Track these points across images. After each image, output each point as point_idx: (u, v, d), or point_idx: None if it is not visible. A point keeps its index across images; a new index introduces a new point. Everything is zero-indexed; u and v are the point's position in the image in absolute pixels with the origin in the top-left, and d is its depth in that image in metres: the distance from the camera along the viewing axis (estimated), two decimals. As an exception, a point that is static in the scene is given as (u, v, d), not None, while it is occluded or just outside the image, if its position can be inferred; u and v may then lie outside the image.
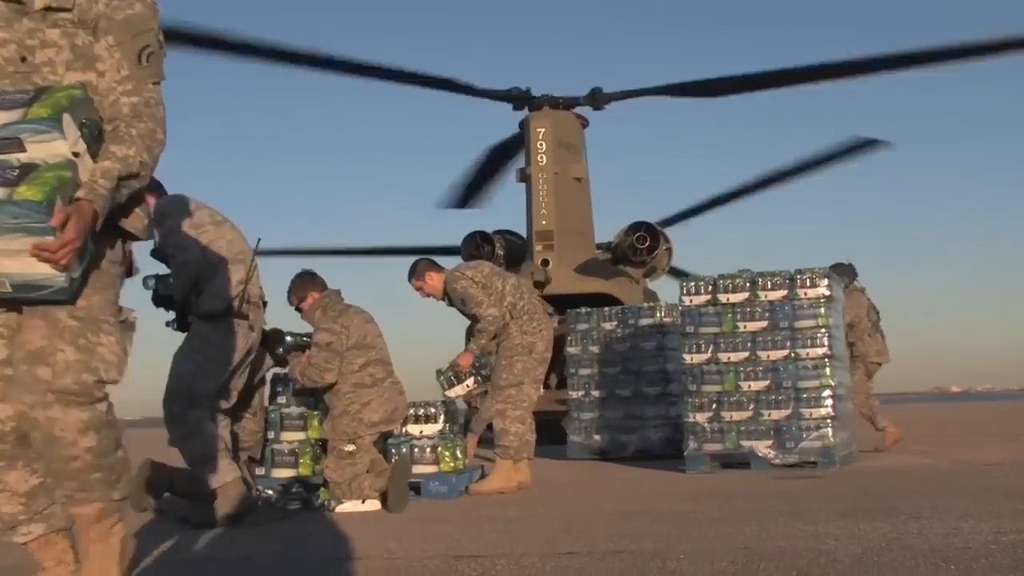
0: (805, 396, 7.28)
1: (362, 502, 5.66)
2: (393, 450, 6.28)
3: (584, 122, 14.24)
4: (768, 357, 7.37)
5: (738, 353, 7.44)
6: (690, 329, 7.58)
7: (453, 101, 19.46)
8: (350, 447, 5.80)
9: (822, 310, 7.38)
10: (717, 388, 7.44)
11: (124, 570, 2.68)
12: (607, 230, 14.41)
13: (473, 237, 13.37)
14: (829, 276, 7.55)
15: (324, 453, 6.12)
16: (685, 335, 7.62)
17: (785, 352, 7.35)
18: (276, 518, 5.36)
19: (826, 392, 7.28)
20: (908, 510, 4.53)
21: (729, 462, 7.43)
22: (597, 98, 14.16)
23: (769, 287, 7.47)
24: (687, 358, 7.56)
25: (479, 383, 7.01)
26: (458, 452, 6.58)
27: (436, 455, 6.36)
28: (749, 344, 7.43)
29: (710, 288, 7.58)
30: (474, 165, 16.36)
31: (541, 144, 13.22)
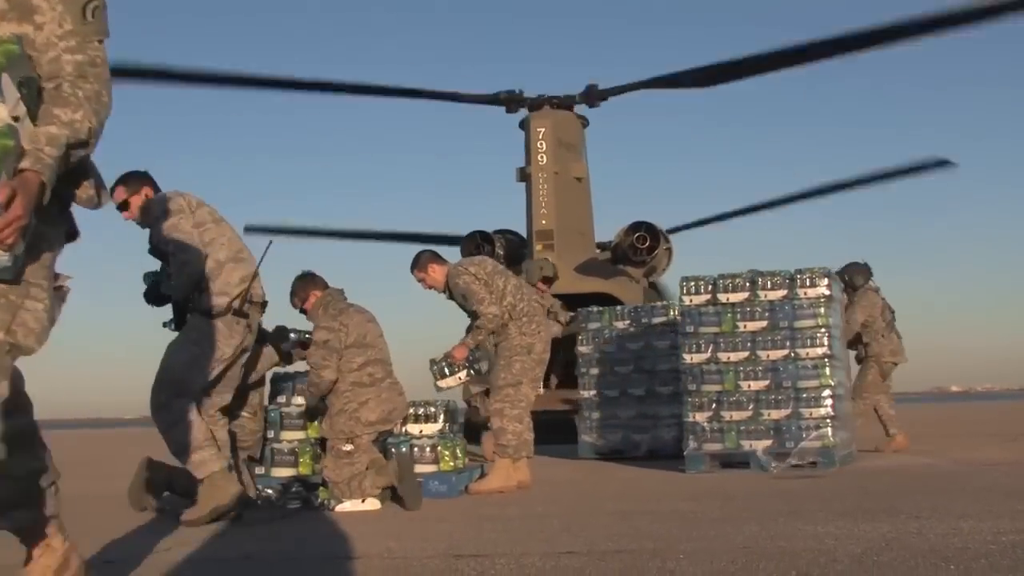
0: (805, 396, 7.27)
1: (362, 501, 5.66)
2: (392, 449, 6.29)
3: (584, 122, 14.22)
4: (768, 357, 7.37)
5: (738, 353, 7.43)
6: (690, 329, 7.58)
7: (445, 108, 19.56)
8: (348, 446, 5.81)
9: (822, 310, 7.37)
10: (717, 388, 7.43)
11: None
12: (607, 230, 14.44)
13: (473, 236, 13.35)
14: (829, 276, 7.54)
15: (324, 452, 6.13)
16: (685, 335, 7.62)
17: (785, 352, 7.35)
18: (276, 517, 5.36)
19: (826, 392, 7.28)
20: (908, 510, 4.53)
21: (729, 462, 7.43)
22: (593, 95, 14.10)
23: (769, 287, 7.46)
24: (687, 358, 7.55)
25: (471, 377, 7.01)
26: (458, 451, 6.59)
27: (436, 455, 6.37)
28: (749, 344, 7.42)
29: (710, 288, 7.57)
30: None
31: (541, 144, 13.20)
